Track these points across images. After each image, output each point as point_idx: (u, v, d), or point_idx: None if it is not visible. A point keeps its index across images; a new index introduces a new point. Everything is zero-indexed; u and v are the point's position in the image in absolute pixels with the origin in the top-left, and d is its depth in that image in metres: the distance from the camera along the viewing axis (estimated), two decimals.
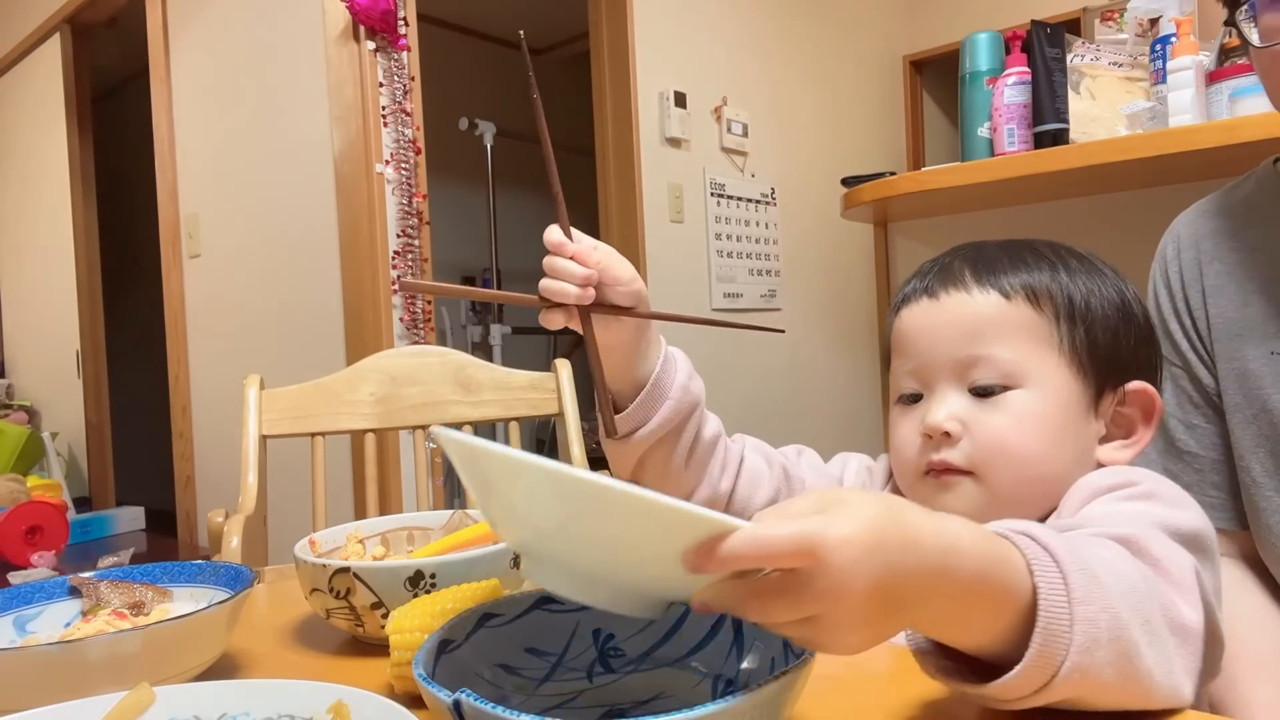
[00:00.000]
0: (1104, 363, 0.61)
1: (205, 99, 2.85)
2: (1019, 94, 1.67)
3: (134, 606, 0.62)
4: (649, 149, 2.77)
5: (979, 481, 0.60)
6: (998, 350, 0.60)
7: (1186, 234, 0.81)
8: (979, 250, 0.65)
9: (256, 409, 1.14)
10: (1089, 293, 0.62)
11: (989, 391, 0.60)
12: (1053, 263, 0.63)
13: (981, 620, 0.41)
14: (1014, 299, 0.61)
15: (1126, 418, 0.63)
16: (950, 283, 0.63)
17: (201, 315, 2.92)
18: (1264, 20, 0.62)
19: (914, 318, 0.65)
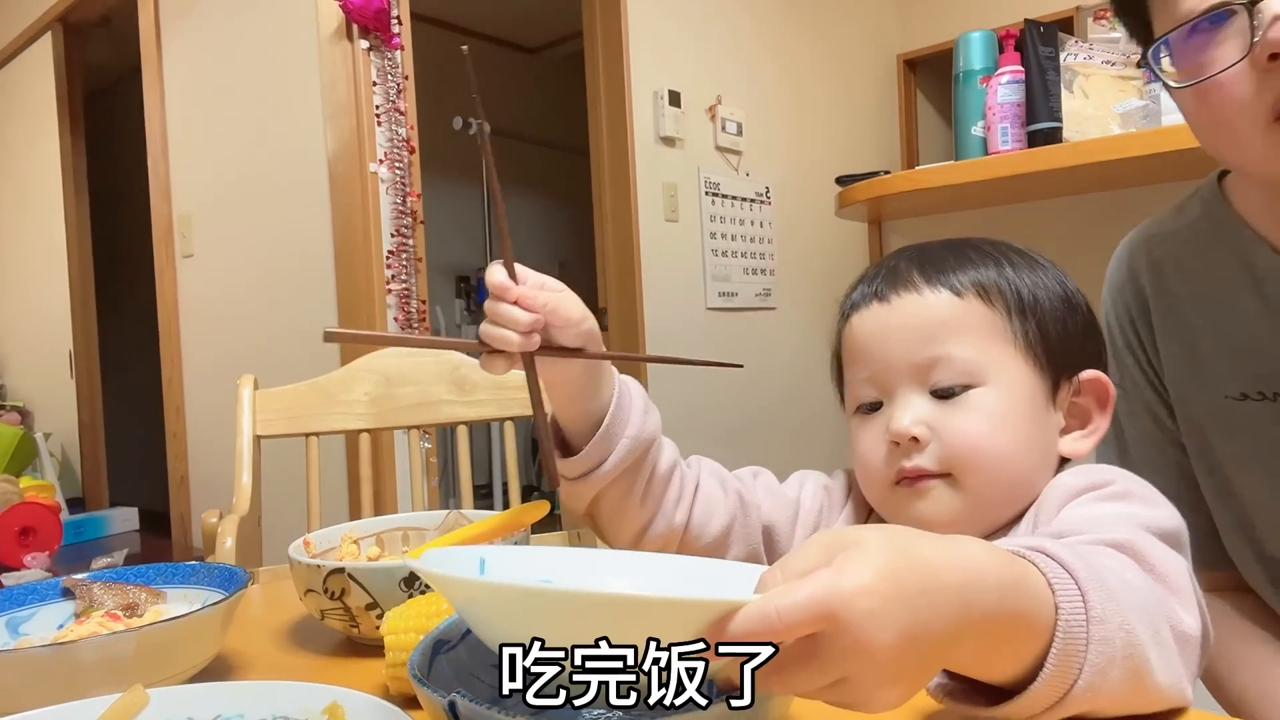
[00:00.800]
0: (1057, 354, 0.61)
1: (198, 98, 2.85)
2: (1012, 93, 1.68)
3: (127, 608, 0.61)
4: (643, 148, 2.77)
5: (954, 484, 0.59)
6: (956, 349, 0.59)
7: (1135, 261, 0.78)
8: (923, 251, 0.64)
9: (251, 409, 1.14)
10: (1035, 285, 0.62)
11: (951, 392, 0.59)
12: (996, 259, 0.63)
13: (1008, 651, 0.40)
14: (965, 296, 0.60)
15: (1082, 407, 0.63)
16: (900, 285, 0.62)
17: (195, 315, 2.91)
18: (1180, 60, 0.60)
19: (866, 323, 0.63)
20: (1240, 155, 0.63)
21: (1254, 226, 0.69)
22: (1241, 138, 0.59)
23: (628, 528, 0.66)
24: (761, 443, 3.06)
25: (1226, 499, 0.72)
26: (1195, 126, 0.63)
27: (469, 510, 0.79)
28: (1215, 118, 0.60)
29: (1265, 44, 0.53)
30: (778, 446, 3.11)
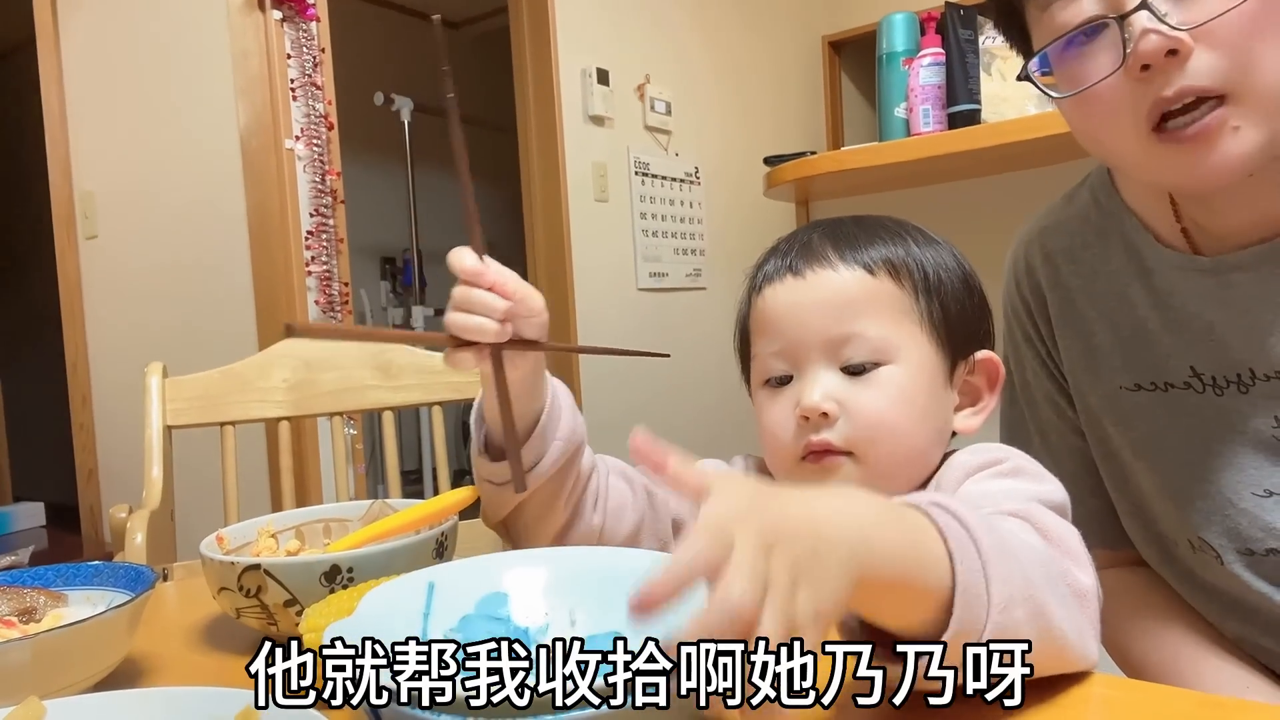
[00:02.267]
0: (956, 333, 0.63)
1: (98, 69, 2.69)
2: (934, 75, 1.71)
3: (24, 613, 0.58)
4: (572, 127, 2.74)
5: (858, 461, 0.60)
6: (868, 327, 0.60)
7: (1030, 253, 0.79)
8: (834, 226, 0.65)
9: (159, 398, 1.08)
10: (937, 264, 0.63)
11: (862, 369, 0.60)
12: (902, 236, 0.64)
13: (902, 598, 0.41)
14: (878, 274, 0.61)
15: (974, 386, 0.65)
16: (815, 260, 0.62)
17: (100, 300, 2.76)
18: (1059, 71, 0.62)
19: (780, 297, 0.63)
20: (1119, 161, 0.65)
21: (1140, 216, 0.71)
22: (1120, 145, 0.61)
23: (547, 531, 0.65)
24: (691, 419, 3.08)
25: (1122, 485, 0.75)
26: (1077, 134, 0.65)
27: (394, 499, 0.77)
28: (1095, 126, 0.62)
29: (1136, 56, 0.55)
30: (707, 423, 3.13)
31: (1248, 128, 0.56)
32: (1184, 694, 0.46)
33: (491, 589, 0.51)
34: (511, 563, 0.53)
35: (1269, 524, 0.66)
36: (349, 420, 2.11)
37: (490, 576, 0.52)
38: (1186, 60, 0.55)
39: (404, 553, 0.59)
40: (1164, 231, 0.69)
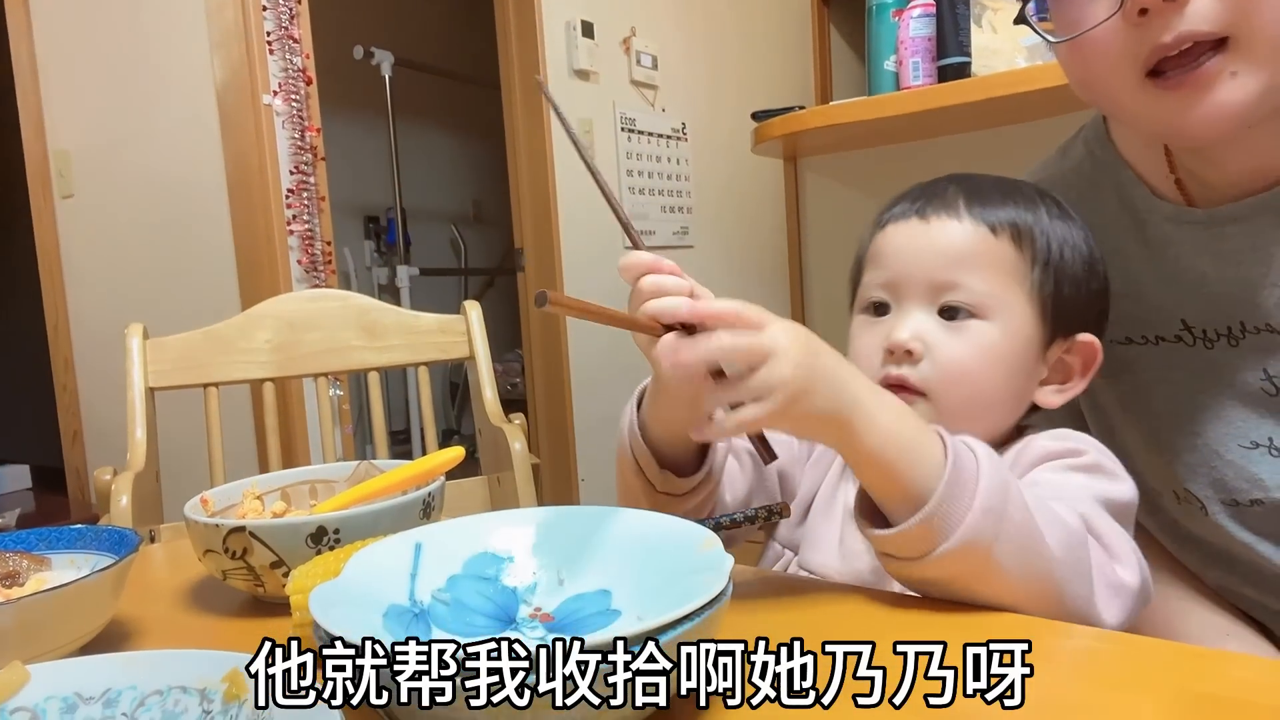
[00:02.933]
0: (1063, 313, 0.64)
1: (69, 23, 2.61)
2: (923, 27, 1.68)
3: (7, 577, 0.57)
4: (557, 81, 2.69)
5: (931, 404, 0.61)
6: (974, 280, 0.61)
7: None
8: (974, 181, 0.66)
9: (141, 360, 1.07)
10: (1064, 241, 0.64)
11: (955, 315, 0.62)
12: (1037, 205, 0.64)
13: (881, 475, 0.50)
14: (1000, 235, 0.62)
15: (1067, 365, 0.66)
16: (943, 208, 0.64)
17: (79, 261, 2.72)
18: (1056, 14, 0.61)
19: (900, 234, 0.65)
20: (1114, 108, 0.64)
21: (1134, 168, 0.70)
22: (1115, 92, 0.60)
23: None
24: None
25: (1108, 437, 0.75)
26: (1072, 80, 0.64)
27: (381, 460, 0.76)
28: (1090, 71, 0.61)
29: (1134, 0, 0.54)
30: None
31: (1245, 74, 0.55)
32: (1166, 645, 0.47)
33: (479, 549, 0.51)
34: (499, 523, 0.53)
35: (1254, 475, 0.67)
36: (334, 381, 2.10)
37: (478, 537, 0.52)
38: (1185, 5, 0.54)
39: (391, 514, 0.58)
40: (1158, 183, 0.69)
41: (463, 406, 4.33)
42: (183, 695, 0.40)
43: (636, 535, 0.50)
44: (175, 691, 0.40)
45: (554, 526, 0.52)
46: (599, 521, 0.52)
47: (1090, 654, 0.45)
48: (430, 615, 0.47)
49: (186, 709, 0.39)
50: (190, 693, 0.40)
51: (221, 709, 0.39)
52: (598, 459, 2.80)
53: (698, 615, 0.37)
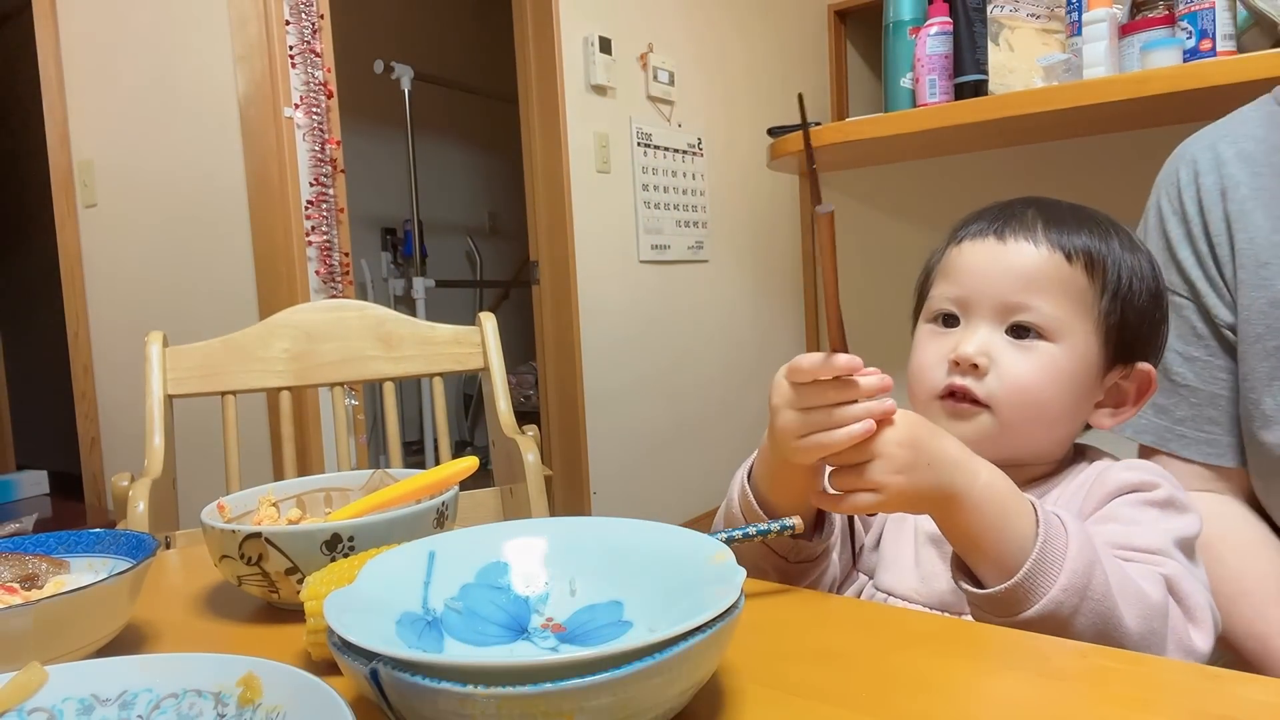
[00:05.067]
0: (1125, 341, 0.66)
1: (96, 36, 2.66)
2: (940, 44, 1.68)
3: (26, 580, 0.58)
4: (574, 96, 2.71)
5: (994, 417, 0.64)
6: (1044, 303, 0.63)
7: (1205, 158, 0.77)
8: (1051, 206, 0.68)
9: (160, 368, 1.08)
10: (1133, 272, 0.66)
11: (1024, 334, 0.64)
12: (1110, 236, 0.66)
13: (972, 547, 0.54)
14: (1074, 262, 0.64)
15: (1123, 391, 0.68)
16: (1021, 230, 0.66)
17: (100, 269, 2.76)
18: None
19: (976, 251, 0.67)
20: None
21: None
22: None
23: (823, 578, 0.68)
24: (693, 391, 3.08)
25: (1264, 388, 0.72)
26: None
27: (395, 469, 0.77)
28: None
29: None
30: (708, 396, 3.13)
31: None
32: (1180, 665, 0.47)
33: (492, 558, 0.51)
34: (512, 532, 0.53)
35: None
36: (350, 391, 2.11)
37: (491, 546, 0.52)
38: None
39: (404, 522, 0.59)
40: None
41: (476, 418, 4.34)
42: (198, 698, 0.40)
43: (649, 547, 0.50)
44: (190, 694, 0.40)
45: (567, 537, 0.53)
46: (611, 533, 0.52)
47: (1104, 673, 0.44)
48: (443, 623, 0.47)
49: (201, 712, 0.40)
50: (205, 696, 0.40)
51: (236, 712, 0.39)
52: (610, 471, 2.80)
53: (710, 627, 0.37)
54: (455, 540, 0.52)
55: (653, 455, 2.94)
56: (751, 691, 0.43)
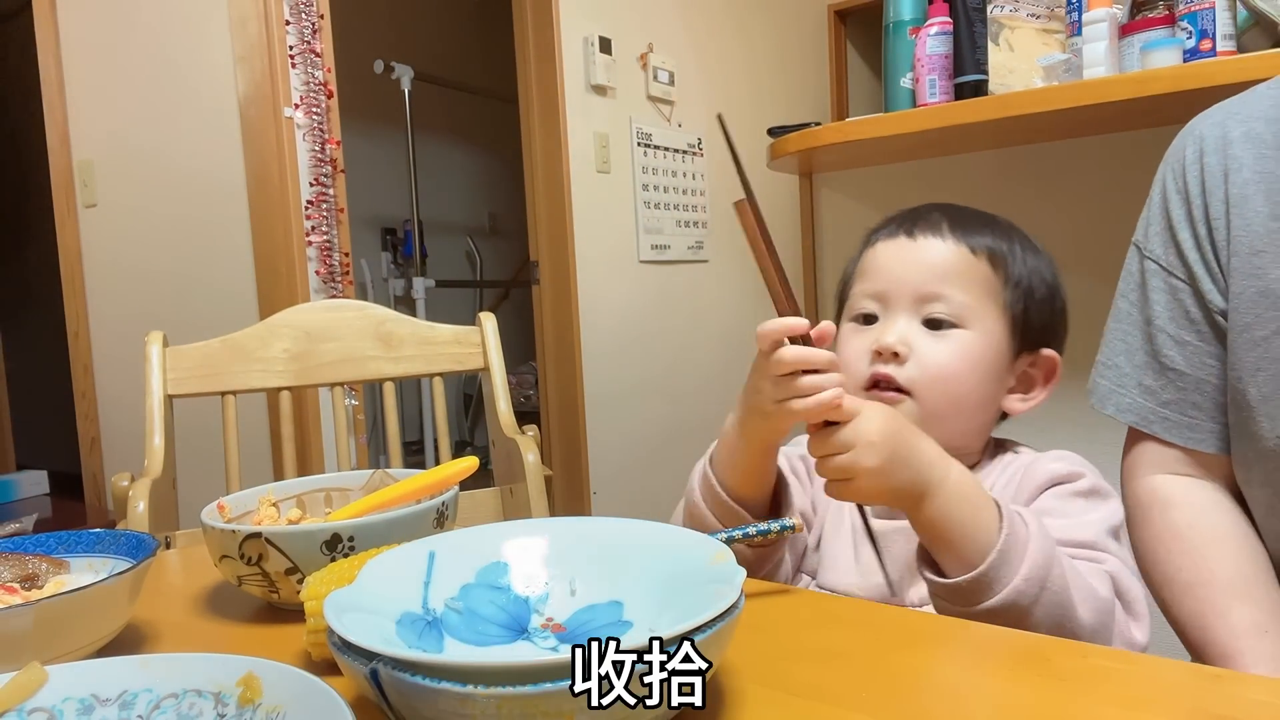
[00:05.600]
0: (1029, 331, 0.72)
1: (96, 35, 2.66)
2: (940, 44, 1.68)
3: (26, 579, 0.58)
4: (574, 96, 2.71)
5: (916, 402, 0.68)
6: (956, 292, 0.69)
7: (1211, 136, 0.75)
8: (957, 210, 0.74)
9: (160, 368, 1.08)
10: (1032, 270, 0.72)
11: (939, 325, 0.69)
12: (1012, 238, 0.73)
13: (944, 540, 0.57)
14: (979, 256, 0.71)
15: (1031, 377, 0.74)
16: (929, 229, 0.72)
17: (100, 269, 2.75)
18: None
19: (889, 250, 0.73)
20: None
21: None
22: None
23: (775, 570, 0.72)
24: (693, 391, 3.08)
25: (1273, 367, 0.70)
26: None
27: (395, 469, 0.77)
28: None
29: None
30: (708, 396, 3.13)
31: None
32: (1181, 665, 0.47)
33: (492, 558, 0.51)
34: (512, 532, 0.53)
35: None
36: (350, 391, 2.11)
37: (491, 546, 0.52)
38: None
39: (405, 522, 0.59)
40: None
41: (476, 418, 4.34)
42: (198, 699, 0.40)
43: (649, 547, 0.50)
44: (190, 695, 0.40)
45: (567, 537, 0.53)
46: (611, 533, 0.52)
47: (1104, 673, 0.44)
48: (443, 623, 0.47)
49: (201, 712, 0.40)
50: (205, 696, 0.40)
51: (236, 712, 0.39)
52: (610, 471, 2.80)
53: (710, 627, 0.37)
54: (455, 540, 0.52)
55: (653, 455, 2.94)
56: (751, 691, 0.43)
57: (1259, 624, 0.67)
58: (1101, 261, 0.86)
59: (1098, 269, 0.86)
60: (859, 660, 0.47)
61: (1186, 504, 0.75)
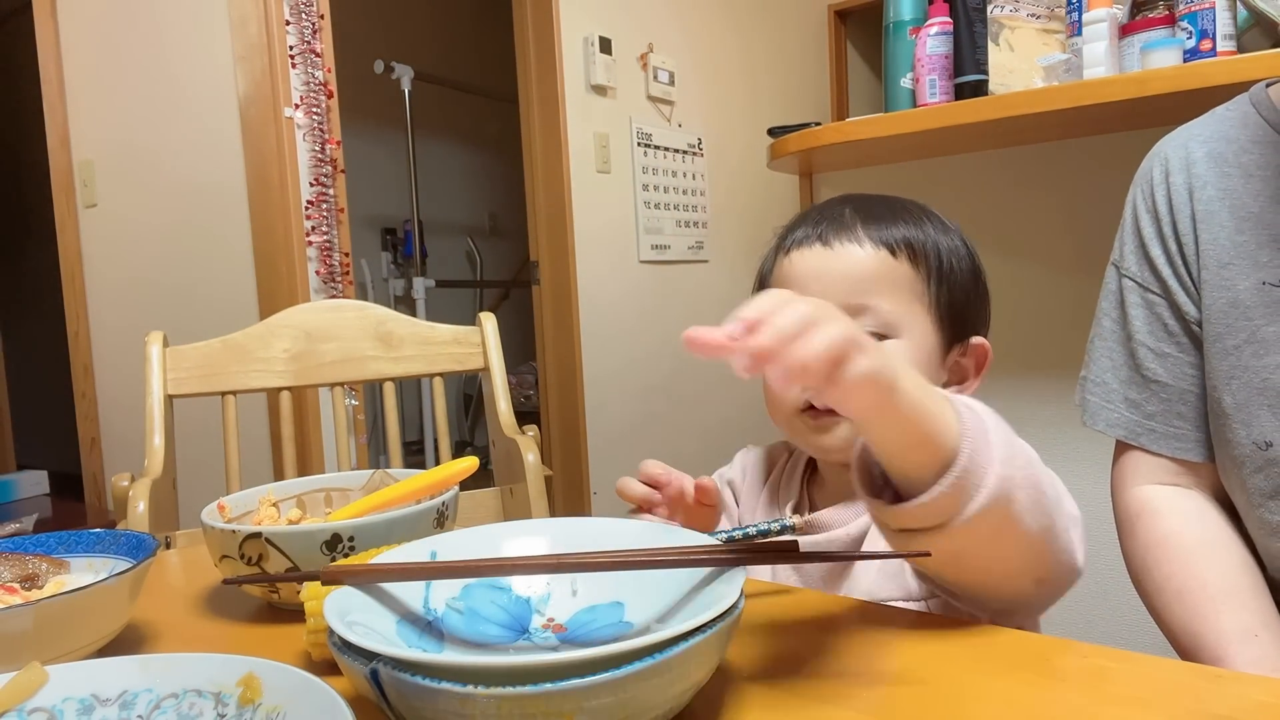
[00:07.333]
0: (957, 319, 0.69)
1: (96, 36, 2.66)
2: (940, 44, 1.68)
3: (26, 580, 0.58)
4: (574, 96, 2.71)
5: (854, 424, 0.59)
6: (881, 302, 0.66)
7: (1176, 157, 0.78)
8: (866, 203, 0.70)
9: (160, 368, 1.08)
10: (950, 252, 0.69)
11: None
12: (923, 222, 0.69)
13: (914, 437, 0.46)
14: (899, 255, 0.67)
15: (963, 367, 0.71)
16: (844, 234, 0.68)
17: (101, 269, 2.76)
18: None
19: (806, 261, 0.69)
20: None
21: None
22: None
23: None
24: (693, 392, 3.08)
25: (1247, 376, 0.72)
26: None
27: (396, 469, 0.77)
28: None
29: None
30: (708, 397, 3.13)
31: None
32: (1179, 664, 0.47)
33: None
34: (512, 532, 0.53)
35: None
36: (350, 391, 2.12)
37: (491, 546, 0.52)
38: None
39: (405, 522, 0.59)
40: None
41: (476, 418, 4.34)
42: (198, 699, 0.40)
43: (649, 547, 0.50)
44: (190, 695, 0.40)
45: (568, 537, 0.53)
46: (613, 533, 0.52)
47: (1101, 672, 0.44)
48: (444, 624, 0.47)
49: (201, 712, 0.40)
50: (205, 696, 0.40)
51: (236, 712, 0.39)
52: (610, 471, 2.80)
53: (710, 627, 0.37)
54: (455, 540, 0.52)
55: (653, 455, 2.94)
56: (751, 691, 0.43)
57: (1248, 628, 0.68)
58: (1102, 262, 0.86)
59: (1098, 269, 0.86)
60: (859, 660, 0.47)
61: (1174, 512, 0.76)
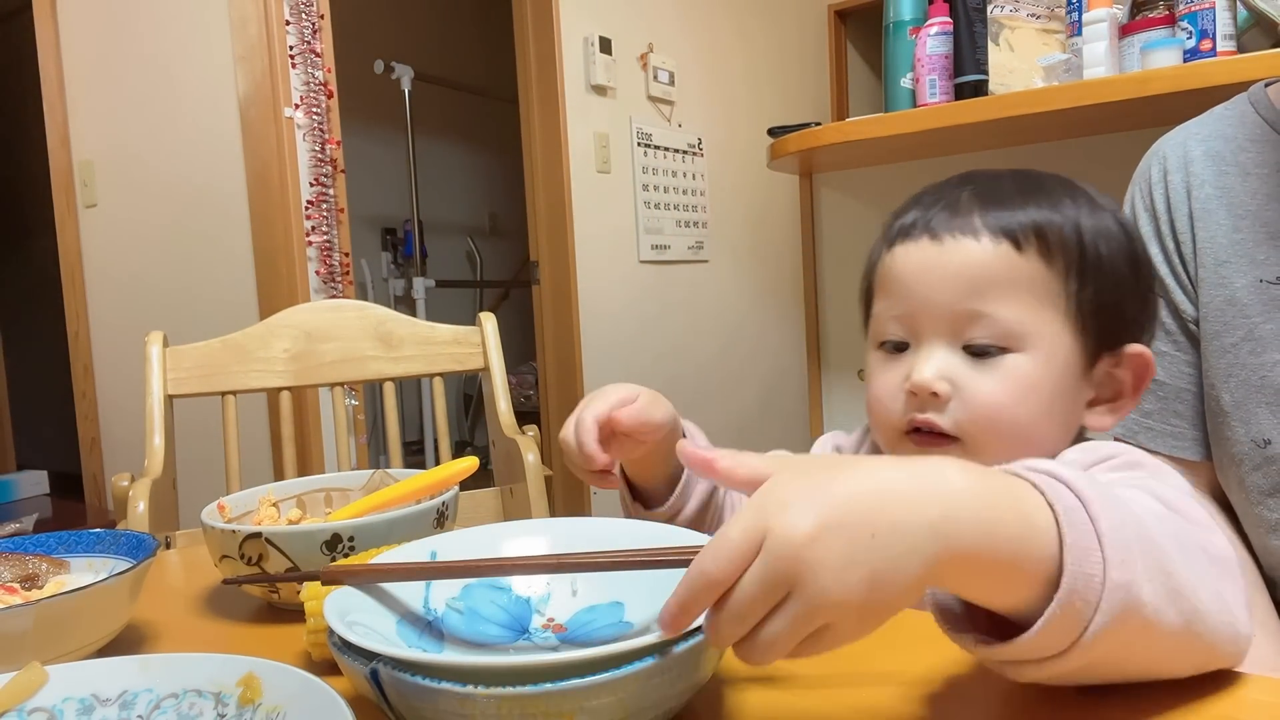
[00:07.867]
0: (1107, 323, 0.56)
1: (96, 36, 2.66)
2: (941, 44, 1.68)
3: (26, 580, 0.58)
4: (574, 96, 2.71)
5: (967, 450, 0.55)
6: (1001, 309, 0.54)
7: (1174, 156, 0.78)
8: (991, 183, 0.58)
9: (160, 368, 1.08)
10: (1098, 237, 0.56)
11: (985, 352, 0.54)
12: (1061, 200, 0.56)
13: (1002, 586, 0.36)
14: (1025, 249, 0.54)
15: (1117, 380, 0.58)
16: (956, 223, 0.56)
17: (100, 269, 2.76)
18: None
19: (910, 258, 0.57)
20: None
21: None
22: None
23: None
24: (695, 393, 3.08)
25: (1246, 374, 0.72)
26: None
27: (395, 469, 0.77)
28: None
29: None
30: (710, 396, 3.13)
31: None
32: None
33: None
34: (512, 532, 0.53)
35: None
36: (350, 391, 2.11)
37: (491, 546, 0.52)
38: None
39: (405, 522, 0.59)
40: None
41: (476, 418, 4.34)
42: (198, 699, 0.40)
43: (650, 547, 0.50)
44: (190, 695, 0.40)
45: (568, 537, 0.53)
46: (613, 533, 0.52)
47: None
48: (444, 623, 0.47)
49: (201, 712, 0.40)
50: (205, 696, 0.40)
51: (236, 712, 0.39)
52: None
53: None
54: (455, 540, 0.52)
55: None
56: (751, 691, 0.43)
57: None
58: None
59: None
60: (859, 660, 0.47)
61: None
